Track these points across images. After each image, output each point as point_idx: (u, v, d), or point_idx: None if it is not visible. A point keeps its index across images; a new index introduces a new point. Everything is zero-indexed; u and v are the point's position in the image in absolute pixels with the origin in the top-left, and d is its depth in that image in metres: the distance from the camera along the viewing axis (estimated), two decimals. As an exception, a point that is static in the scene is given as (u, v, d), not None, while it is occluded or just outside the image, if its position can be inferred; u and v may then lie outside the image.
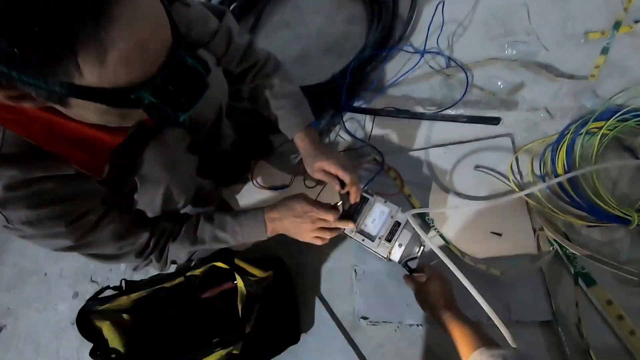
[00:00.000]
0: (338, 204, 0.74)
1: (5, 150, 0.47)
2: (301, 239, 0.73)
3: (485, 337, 0.57)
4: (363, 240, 0.75)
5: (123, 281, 0.87)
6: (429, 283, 0.69)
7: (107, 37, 0.35)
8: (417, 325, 0.81)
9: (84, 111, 0.43)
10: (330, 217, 0.71)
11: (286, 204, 0.72)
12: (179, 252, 0.71)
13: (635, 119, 0.80)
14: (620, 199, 0.77)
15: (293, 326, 0.85)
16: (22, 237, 0.55)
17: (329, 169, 0.74)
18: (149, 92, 0.41)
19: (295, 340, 0.84)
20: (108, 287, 0.85)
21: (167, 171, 0.65)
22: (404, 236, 0.74)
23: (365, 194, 0.78)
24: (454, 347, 0.58)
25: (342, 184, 0.75)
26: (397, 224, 0.74)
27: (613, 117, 0.80)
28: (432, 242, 0.61)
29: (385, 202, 0.77)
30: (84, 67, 0.35)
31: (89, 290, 1.12)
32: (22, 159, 0.49)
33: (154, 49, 0.40)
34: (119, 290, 0.85)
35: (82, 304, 1.14)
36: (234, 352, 0.72)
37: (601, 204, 0.76)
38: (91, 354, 0.78)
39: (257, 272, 0.78)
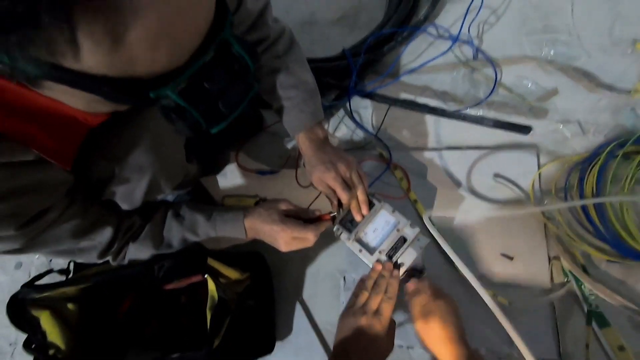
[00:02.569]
0: (330, 214, 0.64)
1: None
2: (278, 248, 0.62)
3: None
4: (360, 250, 0.65)
5: (72, 263, 0.74)
6: (431, 303, 0.57)
7: (132, 3, 0.21)
8: (407, 348, 0.73)
9: (65, 96, 0.30)
10: (309, 236, 0.60)
11: (267, 210, 0.61)
12: (139, 254, 0.59)
13: (678, 148, 0.71)
14: (648, 236, 0.69)
15: (268, 334, 0.75)
16: None
17: (328, 182, 0.63)
18: (175, 91, 0.28)
19: (269, 350, 0.74)
20: (51, 271, 0.71)
21: (154, 156, 0.52)
22: (408, 255, 0.63)
23: (371, 198, 0.66)
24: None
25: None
26: (403, 239, 0.64)
27: (653, 142, 0.72)
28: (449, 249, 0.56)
29: (393, 211, 0.66)
30: (84, 46, 0.22)
31: (34, 263, 0.97)
32: None
33: (193, 26, 0.26)
34: (66, 275, 0.72)
35: (25, 277, 1.01)
36: (197, 365, 0.61)
37: (628, 239, 0.68)
38: (25, 345, 0.65)
39: (233, 275, 0.66)
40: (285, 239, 0.60)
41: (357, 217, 0.65)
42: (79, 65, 0.24)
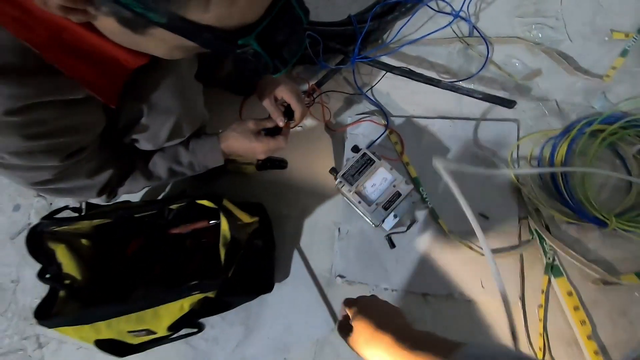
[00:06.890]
0: (289, 122, 0.71)
1: (5, 59, 0.36)
2: (257, 157, 0.71)
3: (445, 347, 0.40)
4: (360, 202, 0.73)
5: (83, 203, 0.78)
6: (356, 324, 0.50)
7: None
8: (392, 290, 0.83)
9: (156, 43, 0.35)
10: (281, 144, 0.67)
11: (240, 132, 0.67)
12: (131, 188, 0.66)
13: (635, 129, 0.82)
14: (602, 203, 0.81)
15: (268, 275, 0.82)
16: None
17: (286, 96, 0.68)
18: (255, 39, 0.34)
19: (269, 289, 0.82)
20: (66, 207, 0.75)
21: (180, 100, 0.56)
22: (401, 208, 0.72)
23: (371, 156, 0.73)
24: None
25: (288, 114, 0.70)
26: (398, 194, 0.72)
27: (616, 123, 0.82)
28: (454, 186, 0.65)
29: (390, 169, 0.73)
30: (213, 1, 0.28)
31: (34, 206, 0.99)
32: (26, 73, 0.38)
33: None
34: (79, 213, 0.76)
35: (24, 219, 1.03)
36: (209, 295, 0.68)
37: (587, 204, 0.79)
38: (39, 275, 0.70)
39: (244, 217, 0.72)
40: (262, 149, 0.67)
41: (298, 121, 0.71)
42: (203, 18, 0.29)
